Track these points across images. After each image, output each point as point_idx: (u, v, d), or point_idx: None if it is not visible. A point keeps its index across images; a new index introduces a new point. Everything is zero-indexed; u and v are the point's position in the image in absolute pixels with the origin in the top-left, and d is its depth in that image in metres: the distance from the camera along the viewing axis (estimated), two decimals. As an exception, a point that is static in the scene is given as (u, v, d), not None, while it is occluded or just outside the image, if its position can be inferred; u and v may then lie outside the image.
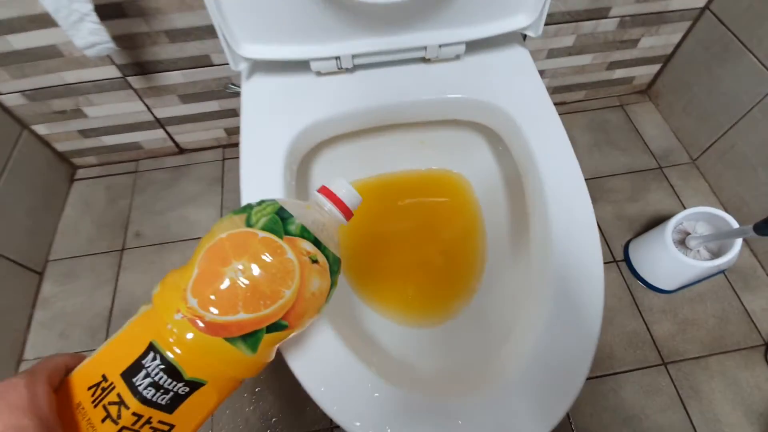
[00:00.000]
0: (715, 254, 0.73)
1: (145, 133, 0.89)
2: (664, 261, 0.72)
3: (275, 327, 0.25)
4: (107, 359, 0.23)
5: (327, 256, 0.27)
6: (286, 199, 0.28)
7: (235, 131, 0.93)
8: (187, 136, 0.92)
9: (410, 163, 0.64)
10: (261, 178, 0.44)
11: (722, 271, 0.79)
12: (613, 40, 0.86)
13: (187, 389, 0.23)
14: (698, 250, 0.73)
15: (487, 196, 0.61)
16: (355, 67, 0.52)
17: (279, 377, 0.71)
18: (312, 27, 0.46)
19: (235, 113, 0.89)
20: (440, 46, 0.50)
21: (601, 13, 0.80)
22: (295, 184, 0.47)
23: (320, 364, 0.35)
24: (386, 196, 0.63)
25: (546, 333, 0.36)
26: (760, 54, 0.75)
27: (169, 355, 0.23)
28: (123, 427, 0.22)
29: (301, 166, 0.50)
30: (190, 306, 0.23)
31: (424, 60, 0.53)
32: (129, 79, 0.76)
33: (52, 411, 0.21)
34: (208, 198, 0.91)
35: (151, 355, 0.23)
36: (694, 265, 0.69)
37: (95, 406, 0.22)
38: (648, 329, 0.75)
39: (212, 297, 0.24)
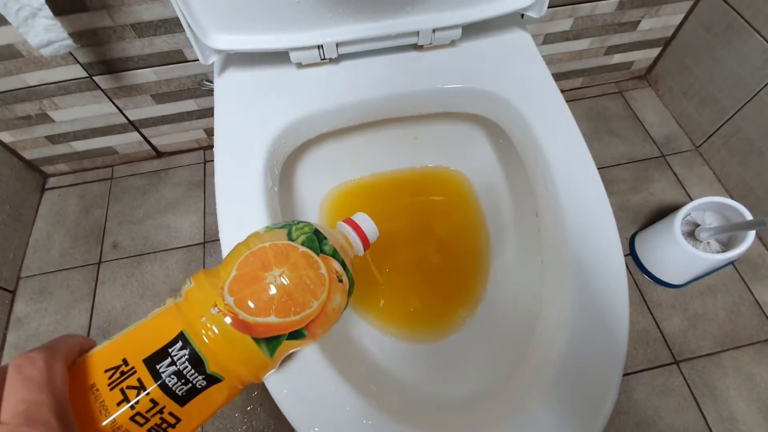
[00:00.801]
0: (725, 245, 0.70)
1: (118, 136, 0.83)
2: (673, 254, 0.69)
3: (296, 335, 0.27)
4: (129, 344, 0.24)
5: (349, 278, 0.30)
6: (319, 224, 0.31)
7: (215, 132, 0.88)
8: (164, 138, 0.86)
9: (404, 161, 0.60)
10: (238, 185, 0.40)
11: (731, 262, 0.75)
12: (611, 22, 0.82)
13: (205, 383, 0.24)
14: (708, 242, 0.70)
15: (488, 193, 0.56)
16: (340, 57, 0.48)
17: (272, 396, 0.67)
18: (290, 12, 0.41)
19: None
20: (434, 30, 0.45)
21: (599, -6, 0.75)
22: (277, 191, 0.42)
23: (313, 402, 0.30)
24: (379, 197, 0.58)
25: (570, 345, 0.32)
26: (766, 33, 0.72)
27: (198, 346, 0.24)
28: (137, 413, 0.22)
29: (283, 169, 0.45)
30: (227, 303, 0.25)
31: (416, 47, 0.48)
32: (96, 78, 0.70)
33: (65, 390, 0.21)
34: (189, 204, 0.85)
35: (180, 344, 0.24)
36: (706, 258, 0.65)
37: (111, 389, 0.22)
38: (658, 326, 0.72)
39: (249, 297, 0.25)
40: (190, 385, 0.23)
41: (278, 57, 0.46)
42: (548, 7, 0.74)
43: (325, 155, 0.55)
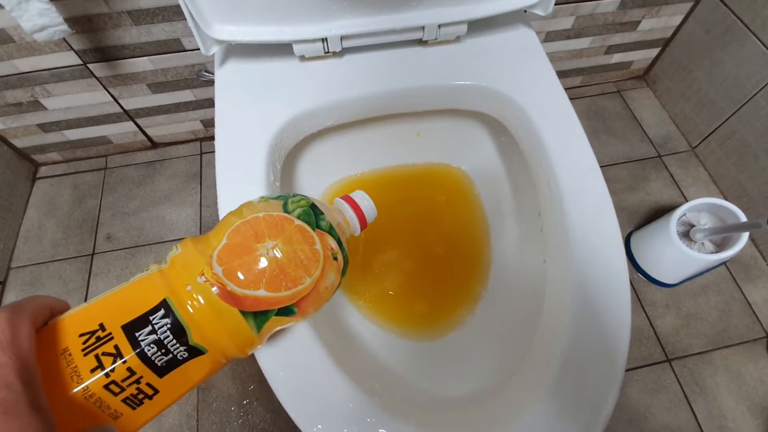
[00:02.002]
0: (719, 245, 0.70)
1: (113, 126, 0.82)
2: (668, 254, 0.70)
3: (285, 311, 0.25)
4: (108, 309, 0.23)
5: (344, 257, 0.28)
6: (316, 198, 0.30)
7: (212, 123, 0.87)
8: (160, 128, 0.85)
9: (406, 157, 0.59)
10: (240, 180, 0.39)
11: (724, 263, 0.77)
12: (612, 21, 0.82)
13: (186, 355, 0.23)
14: (702, 243, 0.71)
15: (490, 191, 0.56)
16: (344, 51, 0.47)
17: (268, 388, 0.67)
18: (294, 4, 0.41)
19: (212, 103, 0.82)
20: (439, 26, 0.45)
21: (602, -7, 0.75)
22: (279, 185, 0.42)
23: (316, 400, 0.30)
24: (379, 193, 0.57)
25: (572, 345, 0.33)
26: (763, 37, 0.72)
27: (181, 315, 0.23)
28: (112, 381, 0.21)
29: (284, 163, 0.45)
30: (215, 272, 0.24)
31: (420, 42, 0.48)
32: (90, 66, 0.69)
33: (32, 352, 0.19)
34: (184, 196, 0.84)
35: (162, 312, 0.22)
36: (700, 259, 0.66)
37: (85, 355, 0.21)
38: (651, 325, 0.73)
39: (239, 268, 0.24)
40: (170, 355, 0.22)
41: (281, 49, 0.46)
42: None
43: (326, 150, 0.54)
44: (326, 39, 0.44)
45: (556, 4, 0.74)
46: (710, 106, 0.85)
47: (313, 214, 0.27)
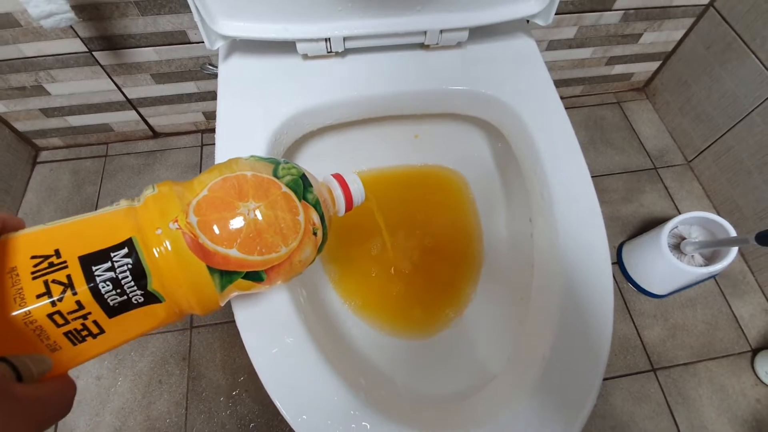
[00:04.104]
0: (708, 259, 0.72)
1: (115, 114, 0.82)
2: (659, 266, 0.71)
3: (254, 276, 0.25)
4: (67, 236, 0.21)
5: (324, 234, 0.28)
6: (307, 170, 0.29)
7: (214, 115, 0.87)
8: (162, 119, 0.86)
9: (403, 158, 0.60)
10: (238, 172, 0.40)
11: (713, 276, 0.78)
12: (615, 33, 0.83)
13: (142, 300, 0.22)
14: (692, 256, 0.72)
15: (484, 195, 0.57)
16: (347, 51, 0.48)
17: (257, 380, 0.67)
18: (300, 3, 0.41)
19: (214, 96, 0.82)
20: (441, 31, 0.45)
21: (605, 5, 0.76)
22: (277, 180, 0.42)
23: (302, 391, 0.31)
24: (376, 192, 0.59)
25: (555, 349, 0.33)
26: (762, 56, 0.73)
27: (145, 258, 0.21)
28: (57, 311, 0.19)
29: (284, 159, 0.45)
30: (189, 221, 0.23)
31: (422, 46, 0.48)
32: (95, 54, 0.69)
33: None
34: (184, 187, 0.85)
35: (125, 250, 0.21)
36: (689, 271, 0.67)
37: (34, 278, 0.19)
38: (639, 334, 0.74)
39: (215, 222, 0.23)
40: (125, 297, 0.21)
41: (284, 47, 0.46)
42: (555, 14, 0.75)
43: (325, 148, 0.55)
44: (329, 39, 0.45)
45: (560, 14, 0.76)
46: (707, 121, 0.86)
47: (302, 185, 0.27)
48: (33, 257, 0.20)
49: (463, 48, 0.49)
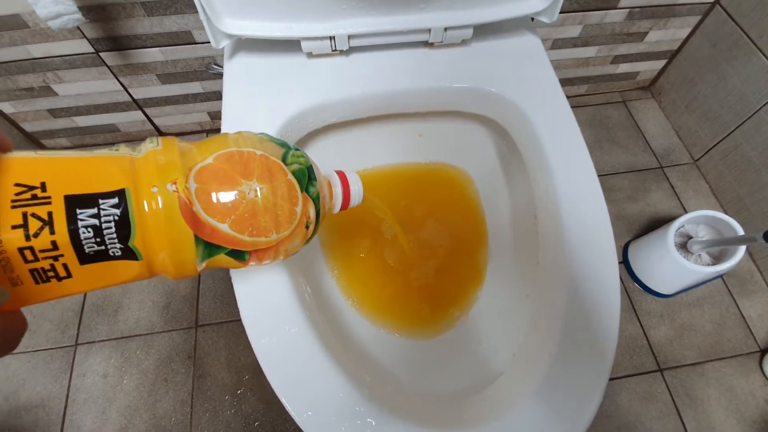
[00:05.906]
0: (716, 258, 0.71)
1: (121, 114, 0.83)
2: (665, 265, 0.70)
3: (237, 254, 0.24)
4: (57, 171, 0.20)
5: (315, 229, 0.28)
6: (314, 162, 0.28)
7: (219, 115, 0.88)
8: (168, 119, 0.86)
9: (407, 156, 0.60)
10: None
11: (720, 275, 0.77)
12: (620, 32, 0.82)
13: (119, 253, 0.21)
14: (699, 255, 0.71)
15: (489, 193, 0.57)
16: (351, 49, 0.48)
17: (262, 379, 0.68)
18: (304, 1, 0.42)
19: (219, 96, 0.83)
20: (446, 29, 0.45)
21: (610, 3, 0.76)
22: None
23: (307, 387, 0.31)
24: (380, 191, 0.59)
25: (561, 348, 0.33)
26: (770, 52, 0.73)
27: (134, 212, 0.21)
28: (29, 247, 0.18)
29: (289, 157, 0.45)
30: (188, 186, 0.22)
31: (426, 44, 0.48)
32: (102, 55, 0.70)
33: None
34: (189, 186, 0.85)
35: (115, 200, 0.20)
36: (696, 271, 0.66)
37: (13, 207, 0.18)
38: (645, 334, 0.73)
39: (213, 194, 0.23)
40: (102, 247, 0.20)
41: (289, 45, 0.46)
42: (560, 13, 0.75)
43: (329, 146, 0.55)
44: (334, 37, 0.45)
45: (564, 13, 0.76)
46: (714, 119, 0.85)
47: (307, 176, 0.26)
48: (17, 185, 0.19)
49: (467, 46, 0.49)
